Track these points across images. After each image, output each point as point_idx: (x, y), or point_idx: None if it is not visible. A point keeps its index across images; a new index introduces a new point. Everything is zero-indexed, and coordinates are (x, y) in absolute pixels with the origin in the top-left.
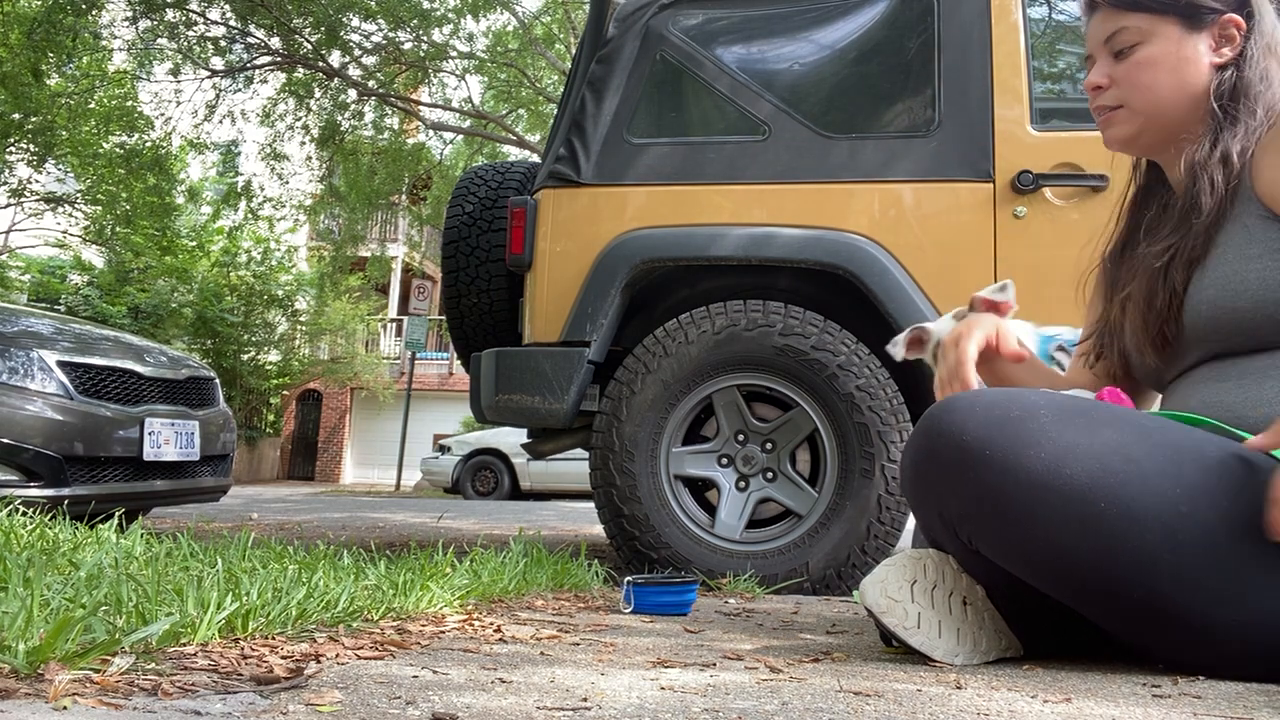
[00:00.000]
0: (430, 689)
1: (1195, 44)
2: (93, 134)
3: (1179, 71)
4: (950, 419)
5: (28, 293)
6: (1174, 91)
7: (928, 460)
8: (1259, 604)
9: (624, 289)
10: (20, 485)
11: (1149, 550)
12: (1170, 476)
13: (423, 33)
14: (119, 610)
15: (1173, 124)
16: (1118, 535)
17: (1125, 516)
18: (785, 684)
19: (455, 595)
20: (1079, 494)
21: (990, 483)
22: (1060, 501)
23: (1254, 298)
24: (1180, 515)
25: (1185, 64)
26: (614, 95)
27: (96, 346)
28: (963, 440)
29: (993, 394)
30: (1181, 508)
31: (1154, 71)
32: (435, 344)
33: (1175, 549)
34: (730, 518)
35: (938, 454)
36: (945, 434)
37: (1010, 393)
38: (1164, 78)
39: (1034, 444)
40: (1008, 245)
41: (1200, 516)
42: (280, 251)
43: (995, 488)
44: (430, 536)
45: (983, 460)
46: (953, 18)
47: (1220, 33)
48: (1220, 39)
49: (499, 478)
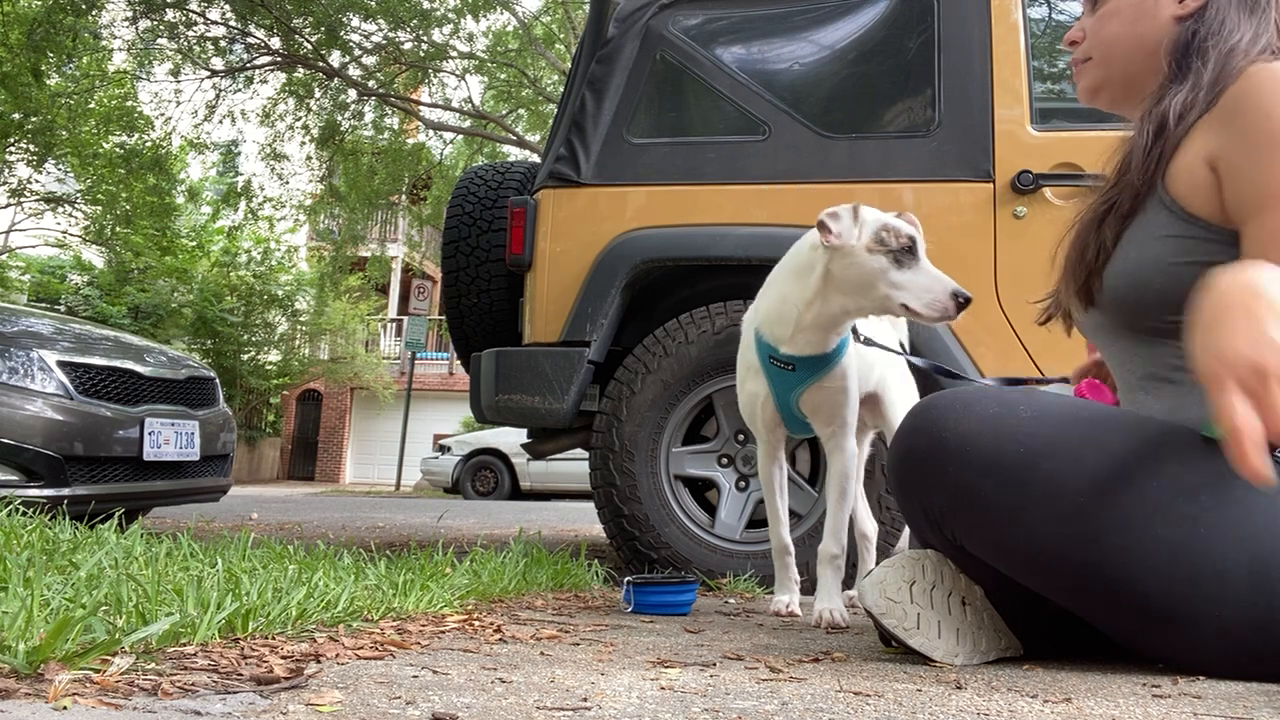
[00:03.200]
0: (430, 689)
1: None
2: (93, 134)
3: (1136, 23)
4: (930, 416)
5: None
6: (1131, 44)
7: (910, 458)
8: (1247, 598)
9: (624, 289)
10: (20, 485)
11: (1129, 544)
12: (1148, 470)
13: (423, 33)
14: (119, 610)
15: (1131, 77)
16: (1096, 529)
17: (1103, 511)
18: (785, 684)
19: (455, 595)
20: (1055, 489)
21: (969, 480)
22: (1039, 496)
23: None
24: (1160, 509)
25: (1143, 15)
26: (614, 95)
27: (96, 346)
28: (943, 438)
29: (972, 392)
30: (1161, 502)
31: (1114, 23)
32: (435, 344)
33: (1155, 542)
34: (730, 518)
35: (919, 452)
36: (926, 432)
37: (990, 390)
38: (1122, 29)
39: (1012, 440)
40: (1008, 245)
41: (1179, 510)
42: (280, 251)
43: (974, 485)
44: (430, 536)
45: (962, 457)
46: (953, 18)
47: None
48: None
49: (499, 478)
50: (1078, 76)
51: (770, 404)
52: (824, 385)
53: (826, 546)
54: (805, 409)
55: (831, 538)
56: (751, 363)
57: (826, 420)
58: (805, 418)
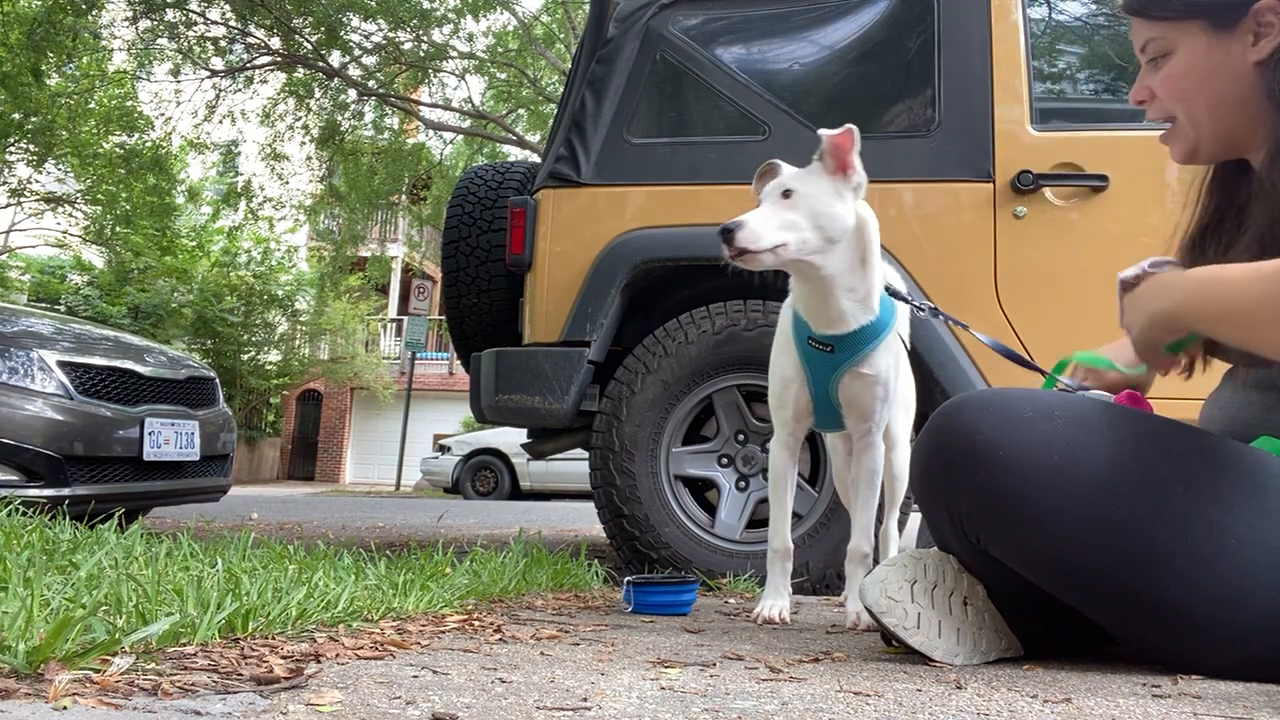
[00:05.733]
0: (430, 689)
1: (1227, 47)
2: (93, 134)
3: (1210, 82)
4: (962, 418)
5: (28, 293)
6: (1213, 103)
7: (938, 459)
8: (1267, 609)
9: (624, 289)
10: (21, 485)
11: (1158, 553)
12: (1181, 481)
13: (423, 33)
14: (119, 610)
15: (1225, 134)
16: (1127, 538)
17: (1135, 519)
18: (785, 684)
19: (455, 595)
20: (1089, 497)
21: (1001, 483)
22: (1071, 504)
23: None
24: (1190, 518)
25: (1215, 73)
26: (614, 95)
27: (96, 346)
28: (974, 440)
29: (1006, 394)
30: (1192, 510)
31: (1184, 84)
32: (435, 344)
33: (1185, 553)
34: (730, 518)
35: (948, 453)
36: (957, 433)
37: (1023, 393)
38: (1196, 90)
39: (1046, 446)
40: (1008, 245)
41: (1210, 520)
42: (280, 251)
43: (1005, 489)
44: (430, 536)
45: (994, 461)
46: (953, 18)
47: (1257, 24)
48: (1259, 32)
49: (499, 478)
50: (1166, 140)
51: (805, 392)
52: (863, 373)
53: (857, 545)
54: (843, 399)
55: (861, 536)
56: (788, 345)
57: (863, 415)
58: (840, 408)
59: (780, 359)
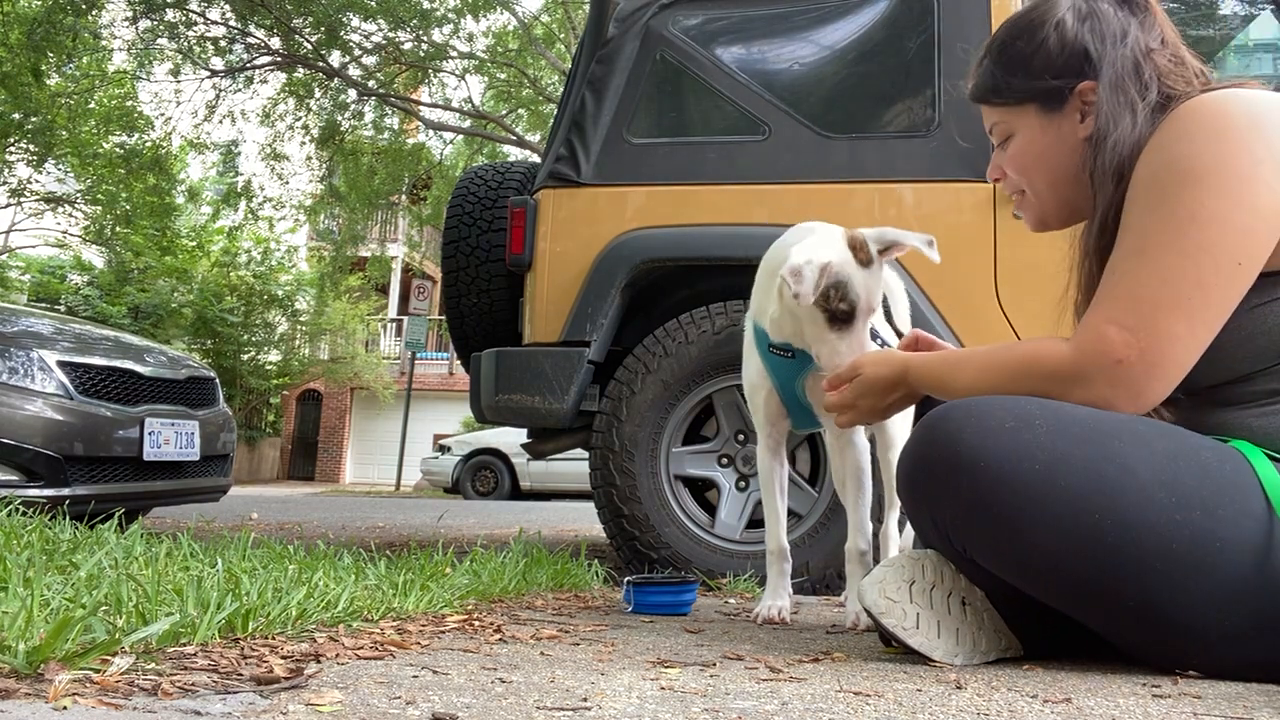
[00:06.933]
0: (430, 689)
1: (1058, 126)
2: (93, 134)
3: (1046, 158)
4: (945, 427)
5: (28, 293)
6: (1051, 178)
7: (922, 469)
8: (1254, 611)
9: (624, 289)
10: (21, 485)
11: (1144, 558)
12: (1165, 485)
13: (423, 33)
14: (119, 610)
15: (1068, 203)
16: (1112, 544)
17: (1120, 525)
18: (785, 684)
19: (455, 595)
20: (1073, 504)
21: (983, 494)
22: (1054, 512)
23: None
24: (1175, 523)
25: (1050, 150)
26: (614, 95)
27: (96, 346)
28: (956, 450)
29: (989, 403)
30: (1176, 515)
31: (1025, 161)
32: (435, 344)
33: (1170, 557)
34: (730, 518)
35: (931, 462)
36: (939, 442)
37: (1006, 402)
38: (1035, 167)
39: (1028, 456)
40: (1007, 245)
41: (1195, 523)
42: (280, 251)
43: (987, 498)
44: (430, 536)
45: (976, 470)
46: (953, 18)
47: (1082, 103)
48: (1084, 110)
49: (499, 478)
50: (1019, 209)
51: (774, 396)
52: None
53: (854, 544)
54: (813, 400)
55: (858, 534)
56: (753, 353)
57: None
58: (812, 407)
59: (748, 366)
